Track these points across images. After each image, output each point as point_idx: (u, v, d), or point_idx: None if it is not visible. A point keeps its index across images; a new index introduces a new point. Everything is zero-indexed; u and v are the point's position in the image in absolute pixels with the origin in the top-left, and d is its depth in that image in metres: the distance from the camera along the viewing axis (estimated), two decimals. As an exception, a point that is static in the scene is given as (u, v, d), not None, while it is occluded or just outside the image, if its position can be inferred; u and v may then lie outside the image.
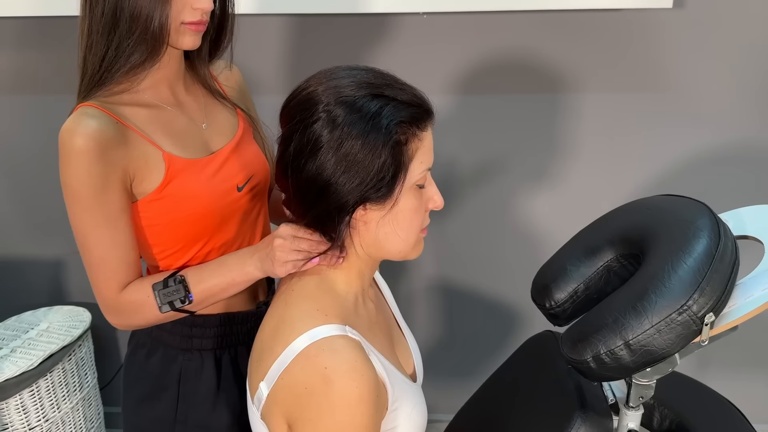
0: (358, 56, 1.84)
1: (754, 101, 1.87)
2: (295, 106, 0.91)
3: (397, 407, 0.93)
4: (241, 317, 1.20)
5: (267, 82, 1.86)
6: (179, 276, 1.08)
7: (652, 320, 0.94)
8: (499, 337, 2.15)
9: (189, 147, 1.11)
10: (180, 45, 1.07)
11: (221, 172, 1.13)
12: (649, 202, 1.18)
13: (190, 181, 1.09)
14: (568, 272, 1.15)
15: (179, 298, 1.07)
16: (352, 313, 0.95)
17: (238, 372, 1.21)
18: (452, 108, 1.91)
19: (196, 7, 1.04)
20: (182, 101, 1.15)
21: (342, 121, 0.86)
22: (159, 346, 1.18)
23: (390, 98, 0.88)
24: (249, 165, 1.18)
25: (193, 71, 1.18)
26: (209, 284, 1.08)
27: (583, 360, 0.98)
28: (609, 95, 1.89)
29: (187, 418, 1.17)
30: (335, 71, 0.91)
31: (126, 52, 1.03)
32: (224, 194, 1.12)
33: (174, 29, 1.05)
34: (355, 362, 0.85)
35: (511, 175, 1.98)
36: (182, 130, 1.12)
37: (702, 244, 0.99)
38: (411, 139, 0.89)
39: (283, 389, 0.87)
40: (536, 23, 1.82)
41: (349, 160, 0.86)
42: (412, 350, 1.10)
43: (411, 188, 0.91)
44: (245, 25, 1.82)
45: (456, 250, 2.06)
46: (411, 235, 0.94)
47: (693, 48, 1.82)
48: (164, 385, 1.17)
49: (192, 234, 1.12)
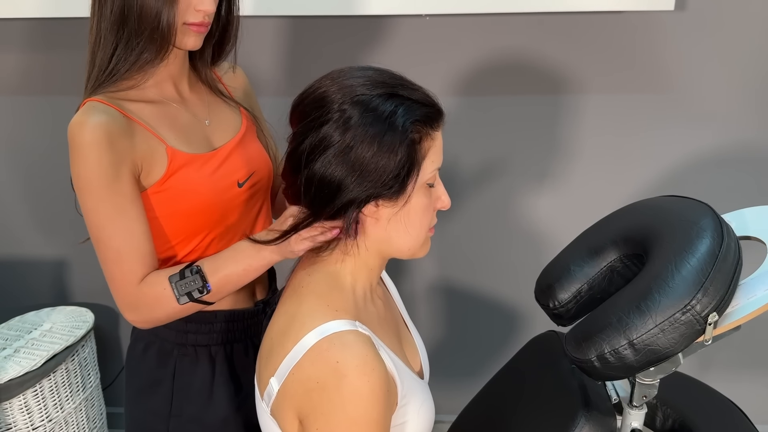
0: (360, 58, 1.85)
1: (755, 103, 1.88)
2: (309, 105, 0.91)
3: (406, 402, 0.94)
4: (238, 315, 1.21)
5: (271, 84, 1.87)
6: (195, 266, 1.08)
7: (656, 320, 0.95)
8: (502, 337, 2.15)
9: (192, 142, 1.13)
10: (182, 45, 1.10)
11: (222, 167, 1.15)
12: (653, 202, 1.18)
13: (191, 175, 1.11)
14: (571, 272, 1.15)
15: (197, 288, 1.07)
16: (361, 309, 0.96)
17: (233, 369, 1.22)
18: (455, 109, 1.91)
19: (198, 9, 1.07)
20: (186, 98, 1.17)
21: (358, 121, 0.87)
22: (156, 340, 1.20)
23: (404, 98, 0.89)
24: (251, 162, 1.19)
25: (196, 72, 1.21)
26: (226, 272, 1.07)
27: (588, 359, 0.99)
28: (611, 97, 1.89)
29: (182, 412, 1.19)
30: (348, 71, 0.93)
31: (135, 49, 1.06)
32: (225, 189, 1.14)
33: (178, 29, 1.07)
34: (366, 356, 0.85)
35: (514, 176, 1.98)
36: (186, 126, 1.14)
37: (705, 244, 0.99)
38: (424, 138, 0.91)
39: (294, 384, 0.88)
40: (539, 25, 1.82)
41: (366, 158, 0.87)
42: (419, 348, 1.11)
43: (422, 187, 0.93)
44: (252, 26, 1.84)
45: (459, 251, 2.07)
46: (421, 233, 0.95)
47: (695, 50, 1.83)
48: (159, 378, 1.19)
49: (192, 227, 1.13)
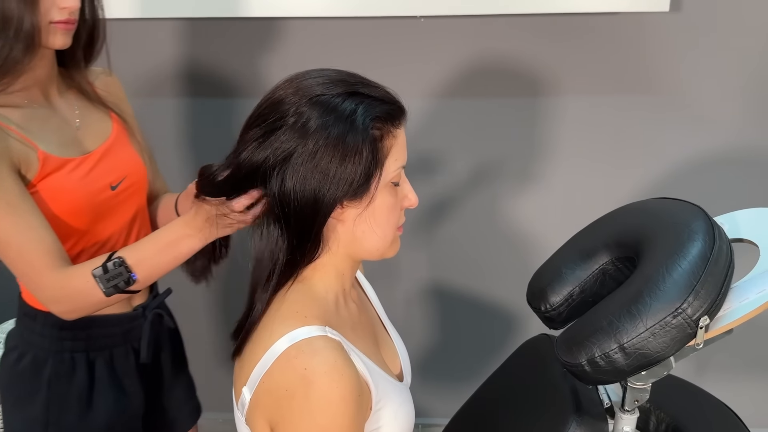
0: (353, 59, 1.85)
1: (749, 104, 1.87)
2: (267, 108, 0.89)
3: (381, 407, 0.92)
4: (114, 319, 1.21)
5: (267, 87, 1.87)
6: (117, 258, 1.05)
7: (647, 323, 0.94)
8: (494, 340, 2.15)
9: (63, 145, 1.14)
10: (51, 44, 1.09)
11: (95, 170, 1.16)
12: (644, 205, 1.18)
13: (63, 178, 1.11)
14: (563, 275, 1.14)
15: (123, 280, 1.05)
16: (333, 314, 0.94)
17: (114, 375, 1.22)
18: (446, 111, 1.91)
19: (62, 6, 1.06)
20: (54, 103, 1.17)
21: (318, 123, 0.85)
22: (30, 349, 1.19)
23: (364, 95, 0.88)
24: (123, 165, 1.21)
25: (67, 77, 1.20)
26: (153, 261, 1.06)
27: (578, 363, 0.98)
28: (605, 98, 1.89)
29: (60, 420, 1.18)
30: (306, 73, 0.91)
31: (9, 53, 1.05)
32: (97, 192, 1.15)
33: (44, 29, 1.07)
34: (335, 362, 0.84)
35: (507, 178, 1.98)
36: (56, 129, 1.15)
37: (697, 247, 0.98)
38: (386, 136, 0.89)
39: (265, 393, 0.87)
40: (533, 26, 1.82)
41: (334, 162, 0.85)
42: (398, 350, 1.10)
43: (386, 185, 0.91)
44: (243, 28, 1.83)
45: (450, 254, 2.06)
46: (388, 233, 0.93)
47: (689, 51, 1.83)
48: (35, 387, 1.18)
49: (64, 230, 1.12)
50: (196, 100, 1.95)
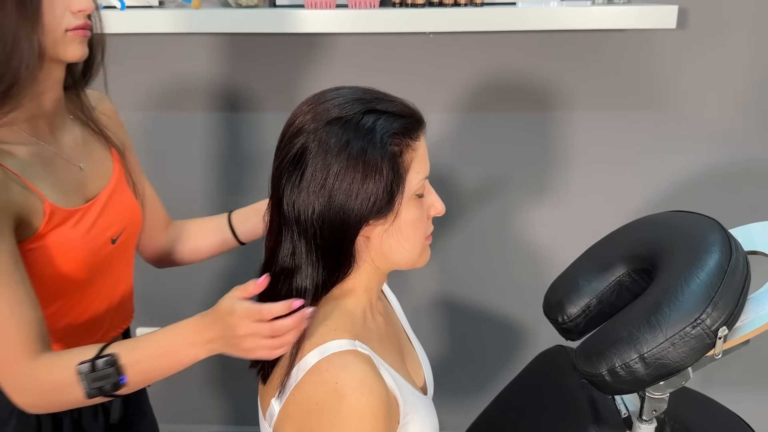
0: (363, 75, 1.87)
1: (757, 120, 1.90)
2: (290, 137, 0.90)
3: (408, 421, 0.93)
4: None
5: (286, 103, 1.89)
6: (109, 356, 0.91)
7: (667, 333, 0.95)
8: (505, 352, 2.15)
9: (68, 193, 1.04)
10: (70, 56, 0.97)
11: (97, 224, 1.06)
12: (660, 217, 1.19)
13: (66, 234, 1.01)
14: (580, 287, 1.16)
15: (111, 383, 0.91)
16: (361, 328, 0.94)
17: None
18: (457, 125, 1.93)
19: (76, 10, 0.95)
20: (60, 139, 1.07)
21: (338, 147, 0.86)
22: None
23: (381, 112, 0.88)
24: (123, 215, 1.13)
25: (69, 101, 1.10)
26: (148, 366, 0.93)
27: (598, 373, 0.99)
28: (613, 114, 1.91)
29: None
30: (321, 94, 0.92)
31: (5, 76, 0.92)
32: (99, 248, 1.06)
33: (60, 41, 0.95)
34: (365, 376, 0.85)
35: (516, 192, 1.99)
36: (61, 173, 1.04)
37: (714, 258, 1.00)
38: (405, 151, 0.89)
39: (295, 405, 0.87)
40: (540, 43, 1.84)
41: (354, 183, 0.86)
42: (422, 362, 1.11)
43: (411, 198, 0.91)
44: (260, 43, 1.85)
45: (461, 266, 2.07)
46: (416, 245, 0.94)
47: (696, 68, 1.85)
48: None
49: (55, 291, 1.02)
50: (212, 115, 1.97)
